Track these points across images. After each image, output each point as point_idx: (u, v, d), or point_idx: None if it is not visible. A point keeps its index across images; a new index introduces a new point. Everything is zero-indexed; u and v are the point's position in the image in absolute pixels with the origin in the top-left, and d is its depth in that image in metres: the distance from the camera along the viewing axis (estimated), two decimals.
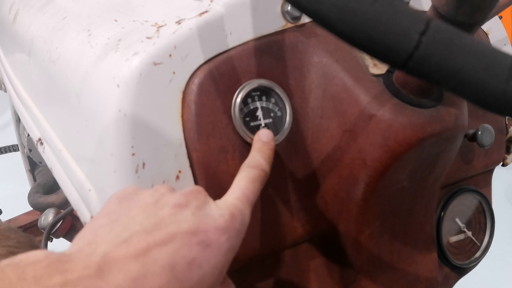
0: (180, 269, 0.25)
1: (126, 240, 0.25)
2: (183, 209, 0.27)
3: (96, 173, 0.38)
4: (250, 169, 0.32)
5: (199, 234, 0.26)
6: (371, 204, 0.37)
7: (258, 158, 0.33)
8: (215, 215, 0.27)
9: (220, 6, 0.36)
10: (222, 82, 0.35)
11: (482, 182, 0.52)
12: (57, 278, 0.22)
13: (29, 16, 0.58)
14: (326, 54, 0.37)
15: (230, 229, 0.27)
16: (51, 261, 0.22)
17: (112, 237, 0.25)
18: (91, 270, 0.23)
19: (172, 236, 0.25)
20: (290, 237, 0.38)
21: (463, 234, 0.50)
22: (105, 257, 0.24)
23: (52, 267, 0.22)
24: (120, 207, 0.28)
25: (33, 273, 0.21)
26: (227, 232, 0.27)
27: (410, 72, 0.23)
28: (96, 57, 0.38)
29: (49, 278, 0.21)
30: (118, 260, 0.24)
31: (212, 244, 0.26)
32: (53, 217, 0.81)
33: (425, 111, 0.35)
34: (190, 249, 0.25)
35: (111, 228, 0.26)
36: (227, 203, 0.29)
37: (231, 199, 0.29)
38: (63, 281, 0.22)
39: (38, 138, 0.51)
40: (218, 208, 0.28)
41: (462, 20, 0.28)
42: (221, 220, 0.27)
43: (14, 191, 1.40)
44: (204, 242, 0.26)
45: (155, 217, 0.27)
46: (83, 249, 0.25)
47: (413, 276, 0.42)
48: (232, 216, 0.28)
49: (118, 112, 0.33)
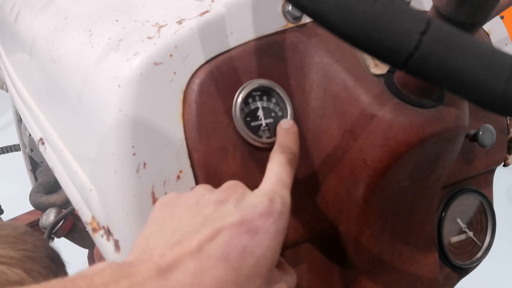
0: (233, 259, 0.26)
1: (178, 241, 0.26)
2: (224, 204, 0.29)
3: (97, 173, 0.38)
4: (279, 154, 0.33)
5: (245, 224, 0.27)
6: (371, 204, 0.37)
7: (284, 142, 0.34)
8: (255, 203, 0.29)
9: (221, 6, 0.36)
10: (223, 82, 0.35)
11: (484, 183, 0.51)
12: (124, 283, 0.23)
13: (30, 16, 0.58)
14: (327, 54, 0.37)
15: (273, 213, 0.28)
16: (114, 269, 0.24)
17: (164, 241, 0.27)
18: (153, 272, 0.24)
19: (220, 230, 0.27)
20: (290, 237, 0.38)
21: (464, 235, 0.50)
22: (162, 259, 0.25)
23: (117, 274, 0.24)
24: (165, 213, 0.29)
25: (101, 280, 0.23)
26: (271, 216, 0.28)
27: (410, 72, 0.23)
28: (97, 57, 0.38)
29: (117, 283, 0.23)
30: (174, 260, 0.25)
31: (259, 230, 0.27)
32: (54, 216, 0.81)
33: (426, 111, 0.35)
34: (239, 239, 0.26)
35: (161, 234, 0.28)
36: (264, 190, 0.30)
37: (268, 185, 0.30)
38: (129, 284, 0.23)
39: (40, 138, 0.51)
40: (257, 196, 0.29)
41: (463, 20, 0.28)
42: (262, 206, 0.28)
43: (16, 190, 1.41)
44: (252, 230, 0.27)
45: (199, 216, 0.28)
46: (140, 256, 0.26)
47: (414, 277, 0.42)
48: (272, 200, 0.29)
49: (119, 112, 0.33)
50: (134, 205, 0.34)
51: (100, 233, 0.38)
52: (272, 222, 0.28)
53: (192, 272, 0.25)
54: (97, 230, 0.38)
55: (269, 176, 0.32)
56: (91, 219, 0.39)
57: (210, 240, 0.26)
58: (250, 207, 0.28)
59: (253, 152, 0.36)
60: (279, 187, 0.30)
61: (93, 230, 0.39)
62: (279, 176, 0.31)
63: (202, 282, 0.25)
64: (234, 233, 0.27)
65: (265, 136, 0.36)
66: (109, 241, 0.36)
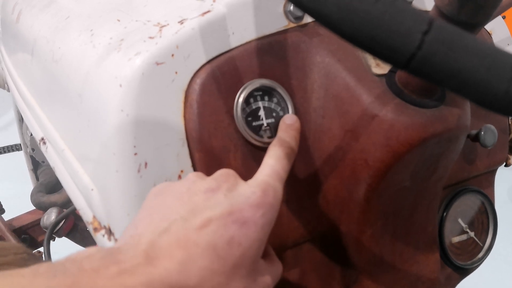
0: (221, 249, 0.26)
1: (166, 229, 0.26)
2: (215, 193, 0.29)
3: (98, 172, 0.38)
4: (277, 148, 0.33)
5: (234, 214, 0.27)
6: (373, 204, 0.37)
7: (284, 137, 0.34)
8: (247, 194, 0.29)
9: (223, 6, 0.36)
10: (224, 82, 0.35)
11: (485, 183, 0.51)
12: (113, 268, 0.23)
13: (31, 16, 0.58)
14: (328, 54, 0.37)
15: (263, 205, 0.28)
16: (103, 255, 0.24)
17: (153, 228, 0.27)
18: (141, 258, 0.24)
19: (208, 220, 0.27)
20: (291, 237, 0.38)
21: (465, 235, 0.50)
22: (150, 246, 0.25)
23: (106, 259, 0.24)
24: (156, 201, 0.30)
25: (91, 265, 0.23)
26: (261, 208, 0.28)
27: (412, 72, 0.23)
28: (99, 57, 0.38)
29: (106, 269, 0.23)
30: (162, 248, 0.25)
31: (248, 221, 0.27)
32: (55, 216, 0.81)
33: (428, 111, 0.35)
34: (227, 229, 0.27)
35: (150, 220, 0.28)
36: (257, 181, 0.30)
37: (262, 176, 0.30)
38: (119, 270, 0.23)
39: (41, 138, 0.51)
40: (249, 186, 0.29)
41: (465, 20, 0.28)
42: (253, 197, 0.28)
43: (17, 190, 1.41)
44: (240, 220, 0.27)
45: (189, 204, 0.28)
46: (128, 241, 0.26)
47: (415, 277, 0.42)
48: (264, 192, 0.29)
49: (120, 112, 0.33)
50: (135, 204, 0.34)
51: (101, 233, 0.38)
52: (261, 214, 0.28)
53: (179, 261, 0.25)
54: (98, 229, 0.38)
55: (264, 167, 0.31)
56: (92, 219, 0.39)
57: (198, 230, 0.26)
58: (241, 198, 0.28)
59: (254, 152, 0.36)
60: (273, 179, 0.30)
61: (94, 229, 0.39)
62: (274, 169, 0.31)
63: (189, 270, 0.25)
64: (222, 223, 0.27)
65: (266, 136, 0.36)
66: (110, 241, 0.37)
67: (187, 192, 0.29)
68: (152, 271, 0.24)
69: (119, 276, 0.23)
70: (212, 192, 0.29)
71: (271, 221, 0.29)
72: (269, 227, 0.29)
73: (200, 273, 0.25)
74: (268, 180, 0.30)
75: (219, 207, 0.27)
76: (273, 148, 0.33)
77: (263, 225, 0.28)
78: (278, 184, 0.30)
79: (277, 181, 0.30)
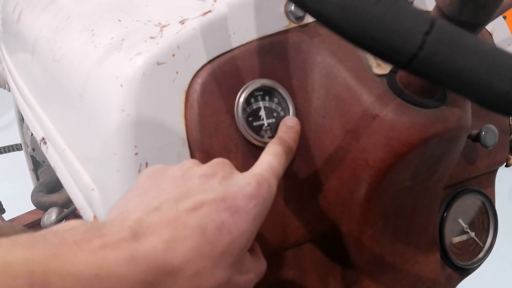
0: (210, 233, 0.26)
1: (157, 208, 0.26)
2: (210, 179, 0.28)
3: (99, 172, 0.38)
4: (276, 145, 0.33)
5: (227, 201, 0.27)
6: (373, 204, 0.37)
7: (284, 137, 0.34)
8: (242, 184, 0.28)
9: (224, 6, 0.36)
10: (225, 82, 0.35)
11: (486, 183, 0.51)
12: (96, 242, 0.23)
13: (32, 16, 0.58)
14: (329, 54, 0.37)
15: (257, 196, 0.28)
16: (87, 228, 0.24)
17: (143, 206, 0.26)
18: (127, 233, 0.24)
19: (201, 203, 0.26)
20: (292, 237, 0.38)
21: (466, 235, 0.50)
22: (138, 223, 0.25)
23: (89, 233, 0.23)
24: (149, 182, 0.29)
25: (73, 238, 0.22)
26: (254, 199, 0.28)
27: (414, 72, 0.23)
28: (99, 57, 0.38)
29: (89, 242, 0.23)
30: (150, 225, 0.25)
31: (240, 210, 0.27)
32: (56, 216, 0.81)
33: (428, 111, 0.35)
34: (219, 214, 0.26)
35: (142, 199, 0.27)
36: (253, 173, 0.30)
37: (258, 170, 0.30)
38: (102, 244, 0.23)
39: (42, 138, 0.51)
40: (244, 177, 0.29)
41: (466, 20, 0.28)
42: (248, 187, 0.28)
43: (17, 190, 1.41)
44: (232, 208, 0.27)
45: (183, 187, 0.28)
46: (116, 217, 0.26)
47: (416, 277, 0.42)
48: (259, 184, 0.29)
49: (121, 112, 0.33)
50: None
51: None
52: (254, 205, 0.28)
53: (166, 239, 0.24)
54: None
55: (261, 162, 0.31)
56: (93, 219, 0.39)
57: (189, 211, 0.26)
58: (236, 187, 0.28)
59: (255, 152, 0.36)
60: (269, 174, 0.30)
61: None
62: (271, 164, 0.31)
63: (175, 250, 0.24)
64: (214, 208, 0.26)
65: (267, 136, 0.36)
66: None
67: (182, 176, 0.29)
68: (136, 247, 0.23)
69: (101, 250, 0.22)
70: (207, 178, 0.28)
71: (262, 214, 0.29)
72: (260, 220, 0.28)
73: (186, 254, 0.25)
74: (263, 174, 0.30)
75: (213, 192, 0.27)
76: (271, 145, 0.33)
77: (255, 216, 0.28)
78: (273, 179, 0.30)
79: (272, 176, 0.30)
